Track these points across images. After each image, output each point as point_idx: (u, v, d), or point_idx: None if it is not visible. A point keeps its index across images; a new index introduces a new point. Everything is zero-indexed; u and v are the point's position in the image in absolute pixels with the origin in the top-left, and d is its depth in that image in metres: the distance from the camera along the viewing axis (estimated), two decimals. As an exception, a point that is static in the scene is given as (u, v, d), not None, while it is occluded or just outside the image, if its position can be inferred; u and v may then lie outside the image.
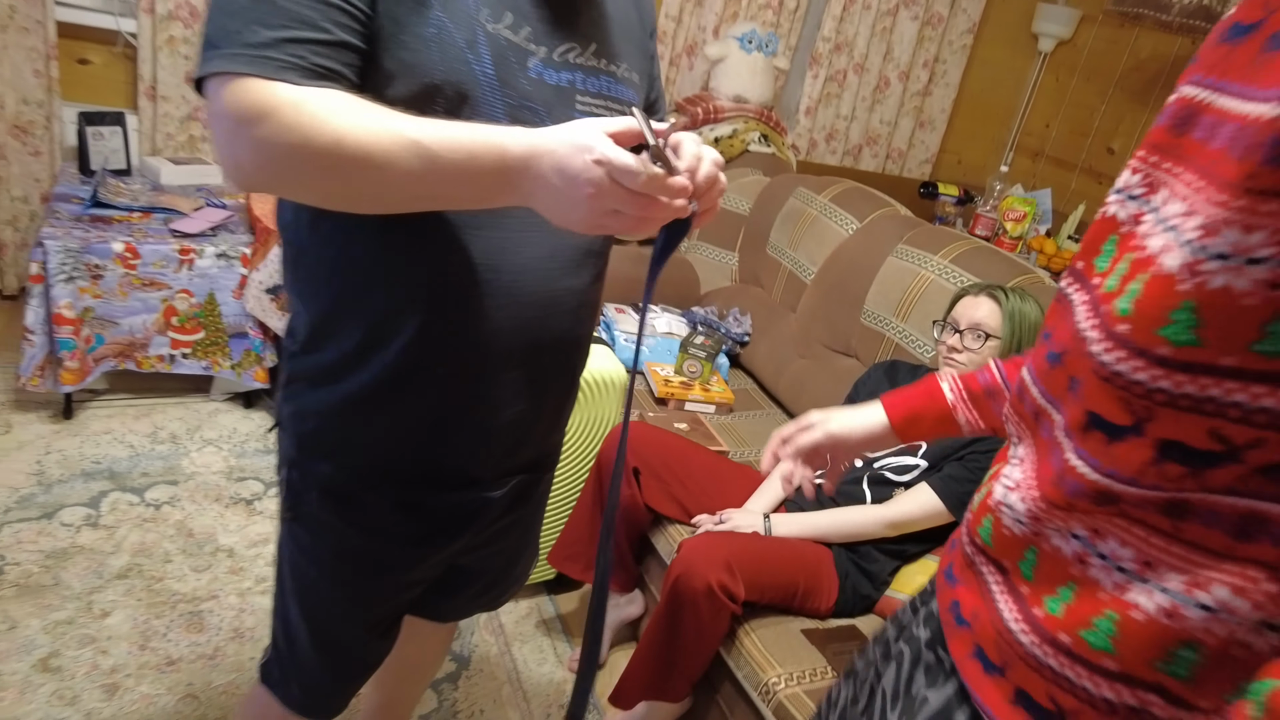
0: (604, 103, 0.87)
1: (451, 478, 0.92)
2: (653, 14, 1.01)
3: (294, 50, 0.68)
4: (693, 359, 2.35)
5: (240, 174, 0.71)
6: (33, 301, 2.11)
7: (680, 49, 3.33)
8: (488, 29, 0.77)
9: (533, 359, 0.89)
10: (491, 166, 0.67)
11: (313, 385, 0.89)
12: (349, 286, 0.83)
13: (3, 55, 2.48)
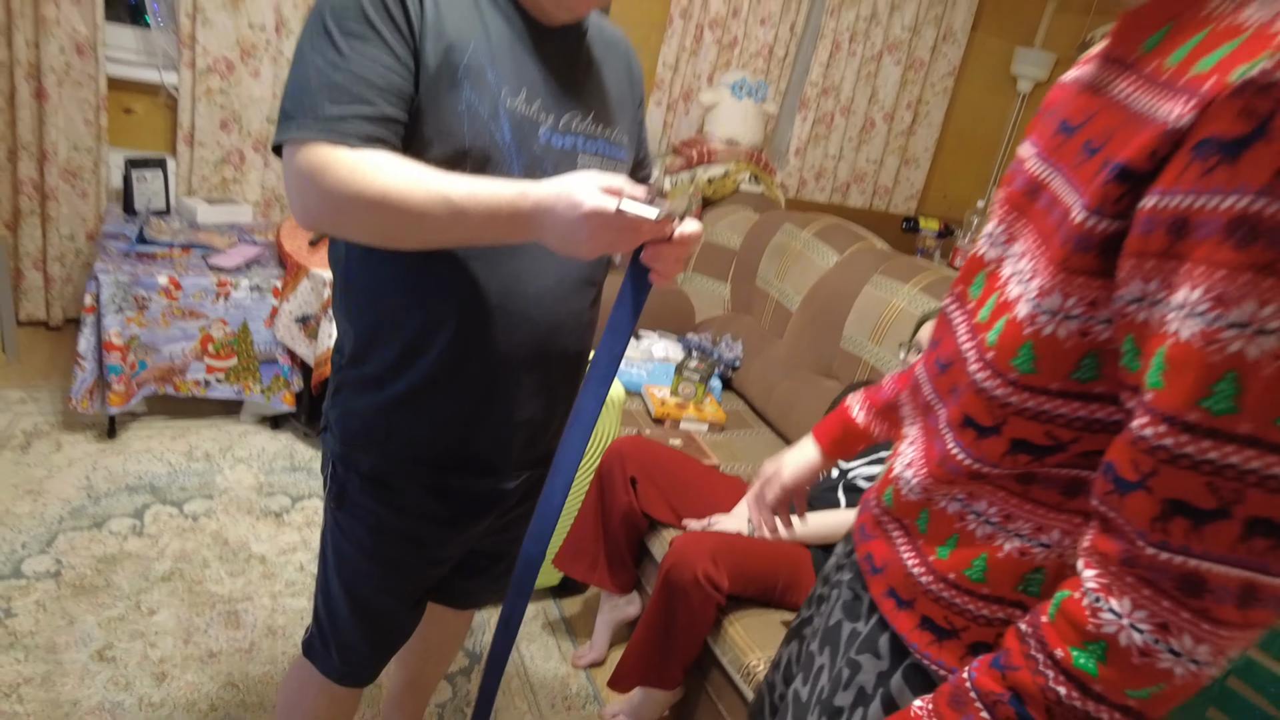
0: (600, 160, 1.07)
1: (475, 467, 1.10)
2: (642, 88, 1.21)
3: (353, 122, 0.88)
4: (687, 381, 2.53)
5: (307, 216, 0.91)
6: (85, 330, 2.31)
7: (677, 95, 3.57)
8: (507, 105, 0.97)
9: (543, 368, 1.07)
10: (507, 215, 0.86)
11: (358, 391, 1.07)
12: (389, 310, 1.03)
13: (58, 107, 2.72)
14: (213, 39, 2.82)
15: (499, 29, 0.97)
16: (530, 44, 1.00)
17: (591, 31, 1.10)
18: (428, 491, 1.09)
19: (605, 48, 1.12)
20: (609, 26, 1.16)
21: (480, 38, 0.95)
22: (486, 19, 0.97)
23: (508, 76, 0.97)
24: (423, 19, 0.91)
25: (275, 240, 2.76)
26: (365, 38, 0.89)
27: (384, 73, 0.89)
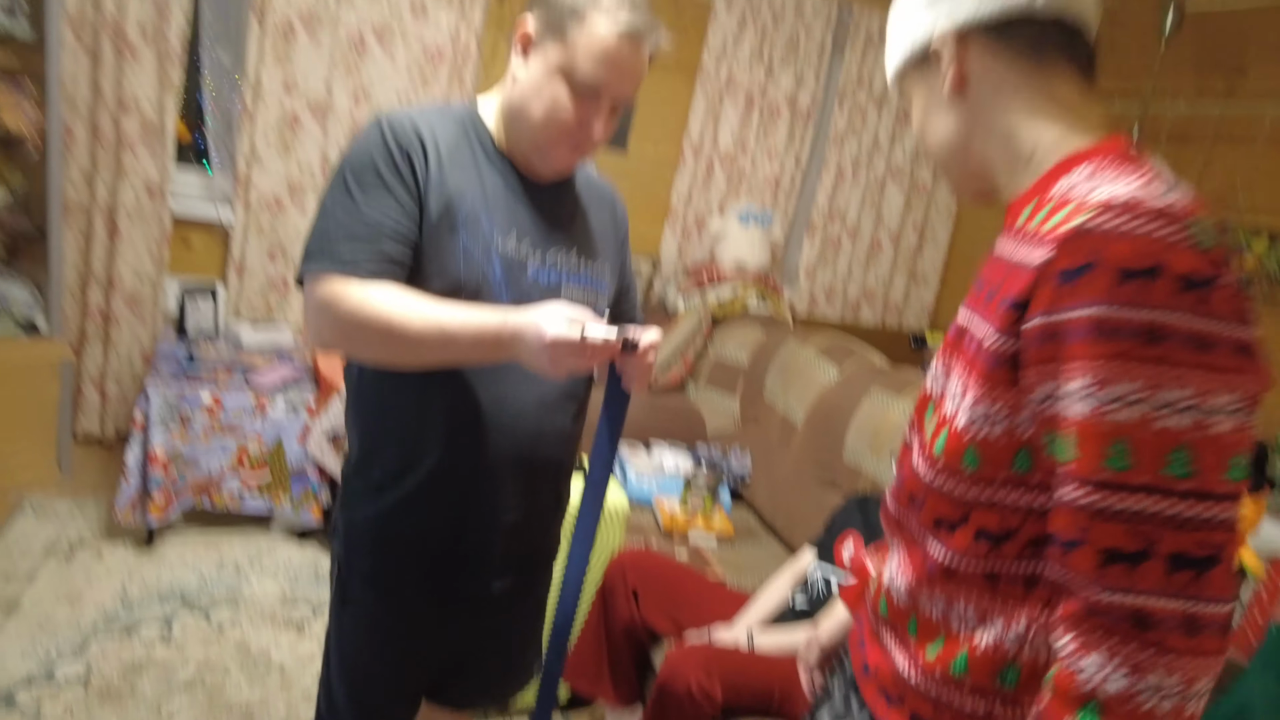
0: (583, 290, 1.21)
1: (462, 569, 1.20)
2: (626, 229, 1.37)
3: (364, 261, 1.04)
4: (696, 494, 2.62)
5: (320, 339, 1.08)
6: (133, 445, 2.50)
7: (690, 223, 3.81)
8: (498, 247, 1.13)
9: (526, 475, 1.19)
10: (490, 340, 1.01)
11: (362, 497, 1.20)
12: (390, 422, 1.16)
13: (127, 242, 3.02)
14: (265, 179, 3.13)
15: (494, 183, 1.14)
16: (522, 195, 1.17)
17: (580, 181, 1.27)
18: (421, 592, 1.20)
19: (592, 194, 1.29)
20: (597, 177, 1.34)
21: (477, 191, 1.12)
22: (484, 175, 1.14)
23: (499, 223, 1.13)
24: (427, 176, 1.08)
25: (312, 361, 2.96)
26: (378, 191, 1.06)
27: (392, 220, 1.06)
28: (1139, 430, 0.66)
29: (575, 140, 1.11)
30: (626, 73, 1.08)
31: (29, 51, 2.67)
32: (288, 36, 3.04)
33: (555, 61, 1.07)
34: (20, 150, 2.73)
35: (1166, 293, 0.65)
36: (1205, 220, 0.69)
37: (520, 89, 1.11)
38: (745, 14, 3.64)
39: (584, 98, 1.08)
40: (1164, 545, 0.65)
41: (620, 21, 1.05)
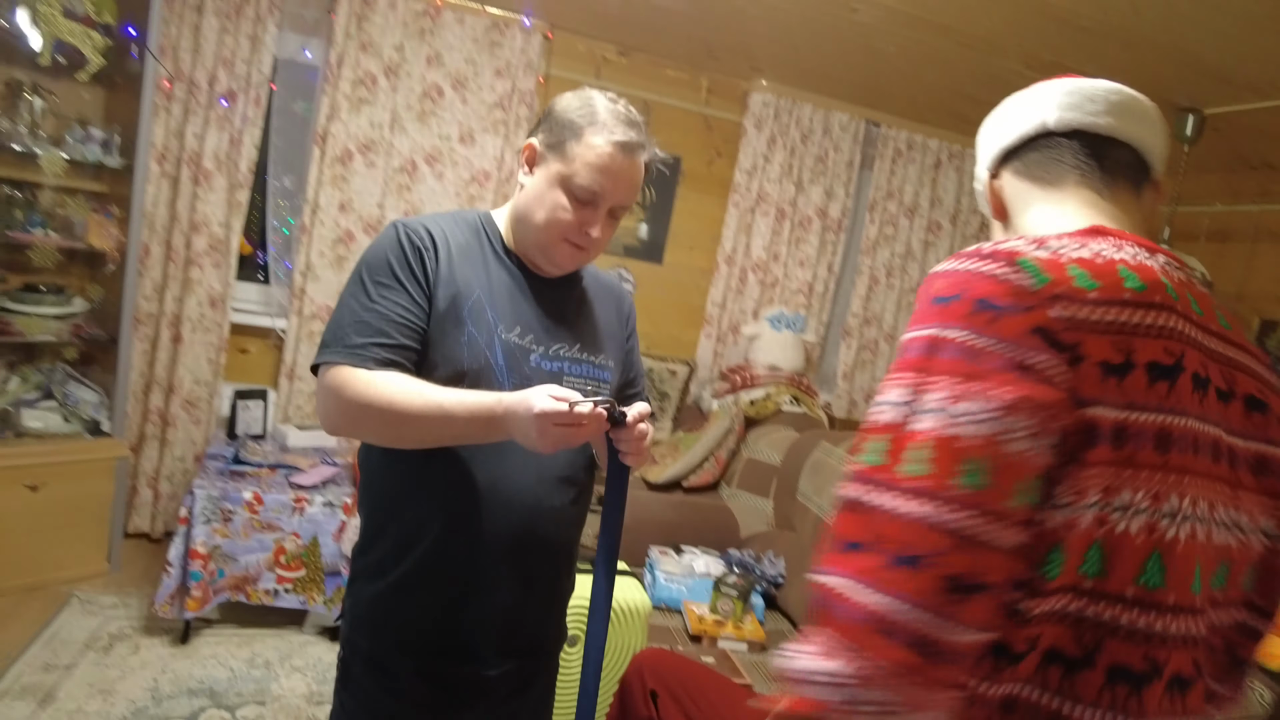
0: (584, 380, 1.27)
1: (459, 653, 1.21)
2: (633, 323, 1.43)
3: (373, 350, 1.12)
4: (725, 598, 2.56)
5: (329, 421, 1.14)
6: (177, 540, 2.58)
7: (726, 328, 3.89)
8: (502, 337, 1.19)
9: (522, 558, 1.21)
10: (484, 418, 1.06)
11: (367, 579, 1.23)
12: (392, 501, 1.20)
13: (189, 349, 3.22)
14: (319, 291, 3.33)
15: (501, 279, 1.23)
16: (529, 291, 1.25)
17: (587, 278, 1.35)
18: (418, 676, 1.20)
19: (599, 290, 1.36)
20: (604, 275, 1.41)
21: (484, 286, 1.20)
22: (492, 272, 1.22)
23: (504, 315, 1.20)
24: (438, 273, 1.17)
25: (352, 461, 3.05)
26: (391, 286, 1.14)
27: (402, 313, 1.14)
28: (896, 430, 0.67)
29: (575, 241, 1.20)
30: (621, 180, 1.17)
31: (117, 179, 2.97)
32: (345, 162, 3.31)
33: (556, 172, 1.18)
34: (101, 265, 2.98)
35: (957, 314, 0.68)
36: (1040, 265, 0.69)
37: (526, 196, 1.22)
38: (774, 134, 3.82)
39: (583, 203, 1.18)
40: (885, 541, 0.64)
41: (614, 135, 1.16)
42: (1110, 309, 0.69)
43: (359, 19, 3.24)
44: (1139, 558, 0.68)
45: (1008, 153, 0.90)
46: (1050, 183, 0.87)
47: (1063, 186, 0.86)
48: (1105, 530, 0.67)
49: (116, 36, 2.80)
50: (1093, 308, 0.68)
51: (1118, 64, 2.74)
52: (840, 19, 2.78)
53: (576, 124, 1.17)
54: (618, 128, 1.16)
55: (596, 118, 1.16)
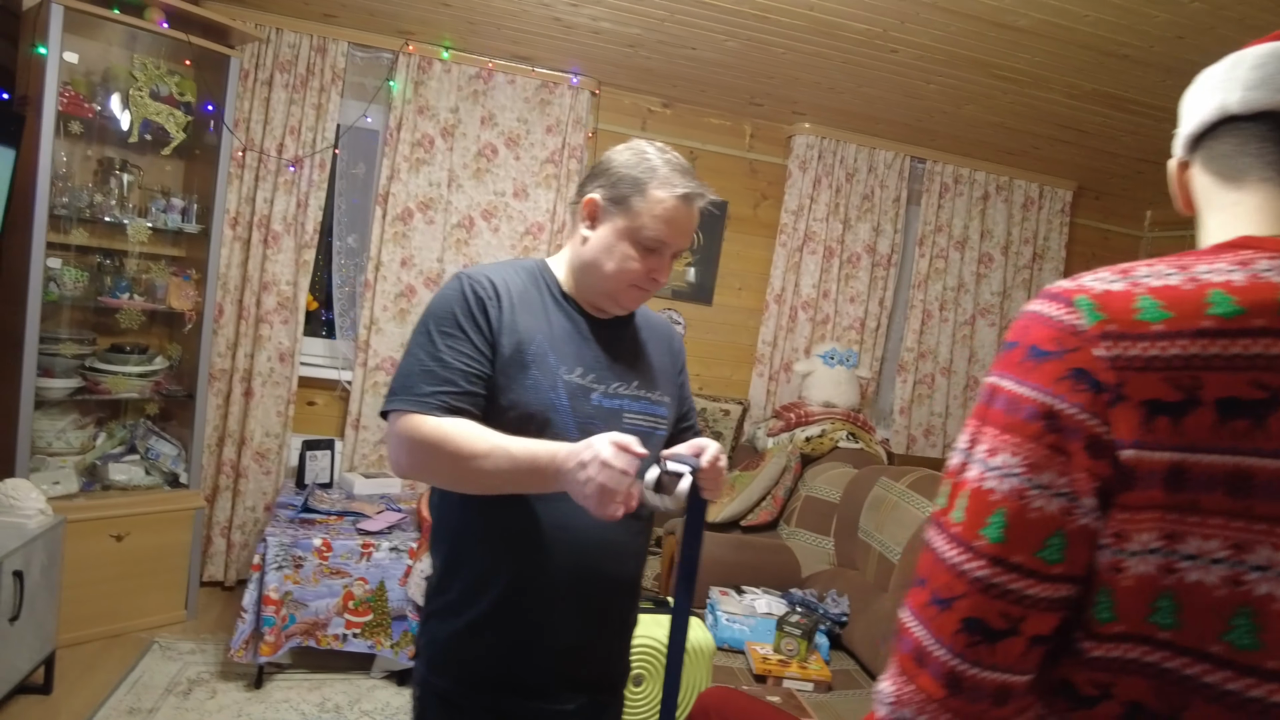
0: (642, 417, 1.31)
1: (533, 690, 1.24)
2: (683, 360, 1.47)
3: (442, 398, 1.17)
4: (789, 637, 2.53)
5: (398, 466, 1.19)
6: (250, 586, 2.67)
7: (778, 367, 3.90)
8: (564, 378, 1.24)
9: (590, 595, 1.24)
10: (544, 468, 1.09)
11: (441, 619, 1.27)
12: (465, 544, 1.25)
13: (259, 403, 3.36)
14: (382, 343, 3.46)
15: (561, 324, 1.28)
16: (587, 333, 1.30)
17: (639, 319, 1.40)
18: (492, 714, 1.22)
19: (650, 331, 1.41)
20: (654, 315, 1.46)
21: (545, 332, 1.25)
22: (551, 317, 1.28)
23: (565, 358, 1.26)
24: (500, 321, 1.22)
25: (416, 507, 3.13)
26: (456, 336, 1.20)
27: (467, 362, 1.19)
28: (954, 475, 0.70)
29: (642, 286, 1.27)
30: (682, 228, 1.25)
31: (194, 243, 3.15)
32: (406, 220, 3.46)
33: (622, 226, 1.24)
34: (180, 325, 3.16)
35: (1011, 361, 0.68)
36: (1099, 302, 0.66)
37: (591, 248, 1.27)
38: (819, 174, 3.88)
39: (649, 252, 1.24)
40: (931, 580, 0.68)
41: (676, 189, 1.23)
42: (1175, 342, 0.63)
43: (416, 85, 3.41)
44: (1222, 613, 0.63)
45: (1194, 140, 0.79)
46: (1232, 178, 0.75)
47: (1244, 183, 0.74)
48: (1174, 580, 0.63)
49: (196, 113, 3.01)
50: (1150, 342, 0.63)
51: (1164, 88, 2.73)
52: (880, 60, 2.84)
53: (639, 180, 1.23)
54: (678, 181, 1.23)
55: (656, 173, 1.23)
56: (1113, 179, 4.06)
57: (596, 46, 3.17)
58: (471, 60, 3.45)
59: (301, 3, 3.12)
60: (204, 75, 3.01)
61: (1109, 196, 4.35)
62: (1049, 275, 4.21)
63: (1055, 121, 3.20)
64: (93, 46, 2.87)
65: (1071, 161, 3.84)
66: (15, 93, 2.70)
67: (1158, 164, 3.63)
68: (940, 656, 0.66)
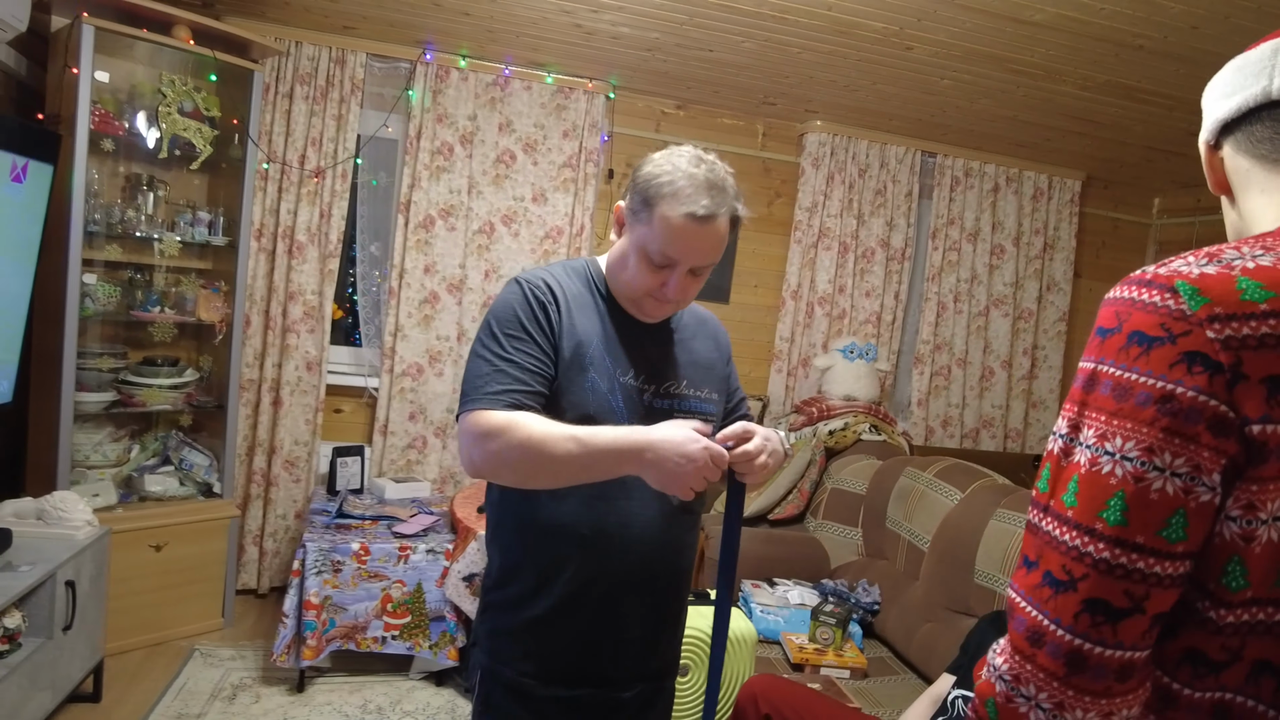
0: (692, 414, 1.33)
1: (596, 680, 1.28)
2: (728, 350, 1.49)
3: (508, 395, 1.20)
4: (824, 626, 2.57)
5: (471, 464, 1.21)
6: (291, 592, 2.71)
7: (796, 362, 3.94)
8: (620, 380, 1.28)
9: (651, 589, 1.29)
10: (623, 452, 1.13)
11: (502, 611, 1.30)
12: (528, 543, 1.28)
13: (288, 412, 3.40)
14: (408, 350, 3.50)
15: (612, 326, 1.31)
16: (637, 335, 1.33)
17: (686, 316, 1.42)
18: (558, 702, 1.26)
19: (696, 326, 1.44)
20: (699, 310, 1.48)
21: (600, 335, 1.29)
22: (605, 321, 1.31)
23: (620, 361, 1.29)
24: (560, 325, 1.26)
25: (449, 510, 3.17)
26: (520, 338, 1.23)
27: (534, 363, 1.23)
28: (1058, 460, 0.72)
29: (659, 298, 1.28)
30: (694, 247, 1.21)
31: (221, 256, 3.20)
32: (427, 228, 3.50)
33: (637, 239, 1.25)
34: (209, 337, 3.20)
35: (1113, 348, 0.70)
36: (1200, 285, 0.68)
37: (615, 254, 1.31)
38: (832, 171, 3.92)
39: (660, 267, 1.24)
40: (1044, 562, 0.70)
41: (685, 208, 1.18)
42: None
43: (434, 94, 3.46)
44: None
45: (1227, 124, 0.81)
46: (1276, 161, 0.77)
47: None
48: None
49: (221, 126, 3.05)
50: (1259, 321, 0.66)
51: (1176, 77, 2.78)
52: (896, 57, 2.89)
53: (652, 196, 1.21)
54: (694, 198, 1.19)
55: (674, 187, 1.19)
56: (1122, 168, 4.10)
57: (615, 51, 3.21)
58: (488, 68, 3.50)
59: (321, 16, 3.16)
60: (227, 89, 3.06)
61: (1118, 185, 4.40)
62: (1060, 265, 4.26)
63: (1067, 113, 3.25)
64: (120, 65, 2.92)
65: (1081, 152, 3.89)
66: (47, 112, 2.74)
67: (1167, 152, 3.68)
68: (1061, 636, 0.69)
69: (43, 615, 2.19)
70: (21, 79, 2.80)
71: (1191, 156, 3.66)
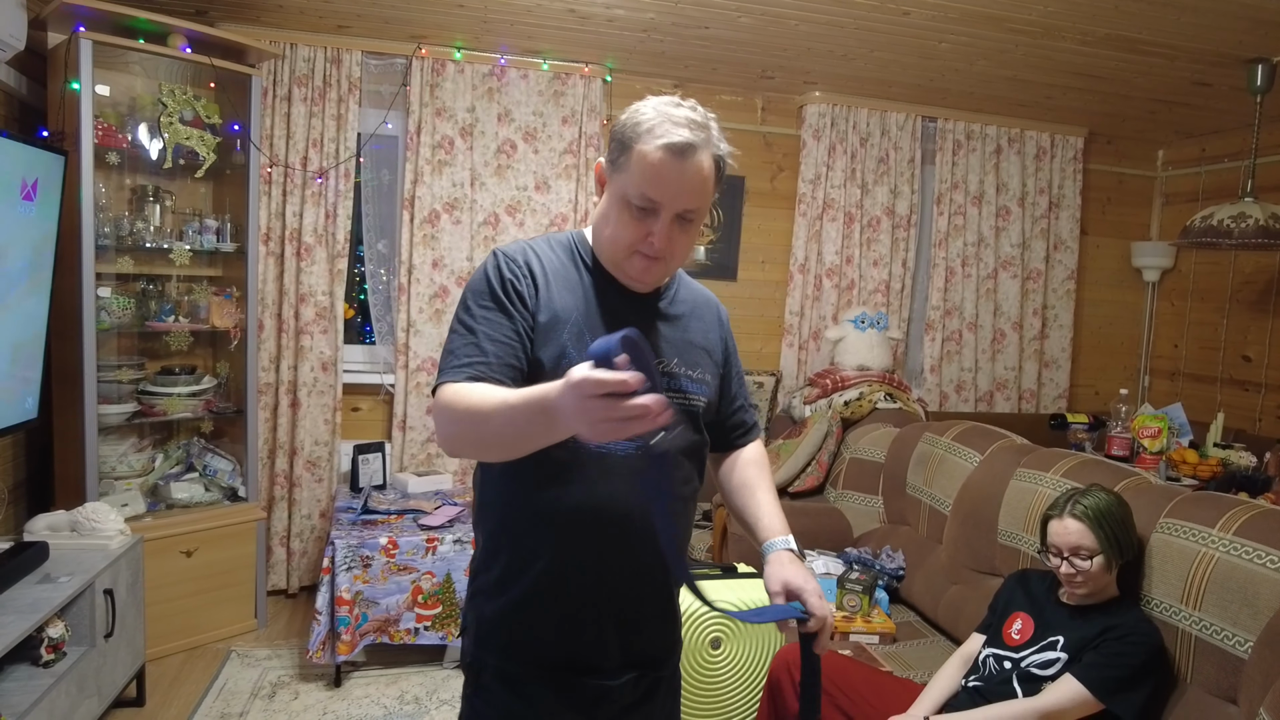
0: (680, 394, 1.28)
1: (581, 665, 1.22)
2: (728, 328, 1.44)
3: (477, 368, 1.14)
4: (850, 594, 2.59)
5: (440, 439, 1.12)
6: (322, 589, 2.74)
7: (807, 336, 3.95)
8: None
9: (635, 573, 1.24)
10: (537, 403, 0.96)
11: (488, 597, 1.23)
12: (508, 522, 1.24)
13: (306, 413, 3.43)
14: (421, 345, 3.52)
15: (596, 299, 1.24)
16: (623, 307, 1.26)
17: (683, 291, 1.37)
18: (544, 684, 1.23)
19: (693, 305, 1.37)
20: (698, 287, 1.43)
21: (580, 307, 1.23)
22: (587, 292, 1.24)
23: (602, 334, 1.18)
24: (536, 297, 1.21)
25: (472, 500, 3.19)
26: (493, 309, 1.18)
27: (506, 335, 1.17)
28: None
29: (644, 252, 1.18)
30: (677, 185, 1.13)
31: (230, 262, 3.22)
32: (433, 222, 3.51)
33: (617, 189, 1.18)
34: (224, 343, 3.22)
35: None
36: None
37: (596, 216, 1.25)
38: (833, 142, 3.91)
39: (643, 213, 1.15)
40: None
41: (660, 139, 1.12)
42: None
43: (431, 88, 3.46)
44: None
45: None
46: None
47: None
48: None
49: (223, 133, 3.07)
50: None
51: (1178, 27, 2.76)
52: (893, 23, 2.87)
53: (627, 139, 1.15)
54: (668, 132, 1.12)
55: (643, 127, 1.14)
56: (1125, 122, 4.08)
57: (610, 34, 3.20)
58: (484, 59, 3.49)
59: (315, 17, 3.16)
60: (227, 96, 3.07)
61: (1121, 140, 4.37)
62: (1066, 223, 4.24)
63: (1068, 70, 3.22)
64: (119, 78, 2.93)
65: (1083, 108, 3.86)
66: (50, 129, 2.76)
67: (1170, 103, 3.66)
68: None
69: (84, 624, 2.23)
70: (23, 98, 2.81)
71: (1195, 106, 3.64)
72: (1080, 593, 1.84)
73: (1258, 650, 1.64)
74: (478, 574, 1.28)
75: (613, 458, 1.18)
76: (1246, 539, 1.75)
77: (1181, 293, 4.26)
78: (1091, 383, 4.40)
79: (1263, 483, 3.00)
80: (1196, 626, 1.77)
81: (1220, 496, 1.99)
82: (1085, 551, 1.81)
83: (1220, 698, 1.72)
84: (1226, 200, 3.27)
